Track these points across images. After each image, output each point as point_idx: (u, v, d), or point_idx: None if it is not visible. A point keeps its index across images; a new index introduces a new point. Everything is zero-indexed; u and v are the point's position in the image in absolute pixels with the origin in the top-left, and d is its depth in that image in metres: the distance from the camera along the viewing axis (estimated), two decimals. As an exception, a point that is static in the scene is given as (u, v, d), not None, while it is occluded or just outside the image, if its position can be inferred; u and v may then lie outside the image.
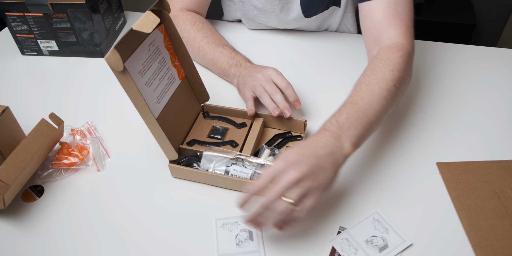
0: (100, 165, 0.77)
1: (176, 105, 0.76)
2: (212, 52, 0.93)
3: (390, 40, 0.77)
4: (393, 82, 0.71)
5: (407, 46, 0.76)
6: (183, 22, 0.98)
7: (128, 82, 0.62)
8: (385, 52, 0.75)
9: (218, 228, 0.67)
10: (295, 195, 0.56)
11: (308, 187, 0.57)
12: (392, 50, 0.75)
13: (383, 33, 0.78)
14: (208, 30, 0.97)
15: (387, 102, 0.69)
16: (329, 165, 0.59)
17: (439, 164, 0.75)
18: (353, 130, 0.63)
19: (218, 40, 0.95)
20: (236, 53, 0.91)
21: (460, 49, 1.05)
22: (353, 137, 0.63)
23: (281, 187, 0.56)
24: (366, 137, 0.67)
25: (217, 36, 0.97)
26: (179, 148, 0.75)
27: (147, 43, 0.68)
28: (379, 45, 0.79)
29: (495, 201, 0.68)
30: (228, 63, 0.90)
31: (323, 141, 0.61)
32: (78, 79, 1.00)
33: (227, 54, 0.91)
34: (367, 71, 0.74)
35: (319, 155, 0.59)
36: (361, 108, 0.66)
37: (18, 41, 1.06)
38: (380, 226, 0.65)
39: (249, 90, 0.81)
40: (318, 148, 0.60)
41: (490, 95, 0.91)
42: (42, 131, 0.71)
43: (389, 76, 0.71)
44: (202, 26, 0.97)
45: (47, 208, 0.71)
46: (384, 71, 0.72)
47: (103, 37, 1.06)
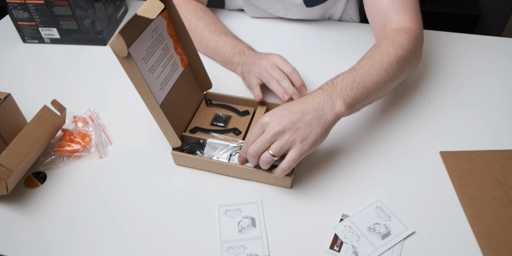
0: (103, 152, 0.77)
1: (179, 92, 0.75)
2: (214, 40, 0.92)
3: (399, 25, 0.78)
4: (396, 58, 0.72)
5: (415, 30, 0.77)
6: (184, 10, 0.97)
7: (132, 68, 0.61)
8: (392, 34, 0.76)
9: (221, 215, 0.67)
10: (274, 147, 0.62)
11: (287, 140, 0.61)
12: (399, 32, 0.76)
13: (391, 19, 0.79)
14: (210, 18, 0.97)
15: (387, 74, 0.70)
16: (315, 120, 0.62)
17: (442, 153, 0.75)
18: (347, 90, 0.65)
19: (220, 29, 0.94)
20: (239, 42, 0.91)
21: (464, 39, 1.04)
22: (346, 96, 0.65)
23: (264, 140, 0.62)
24: (362, 102, 0.68)
25: (219, 25, 0.96)
26: (182, 136, 0.75)
27: (151, 29, 0.68)
28: (386, 30, 0.79)
29: (498, 190, 0.68)
30: (231, 51, 0.89)
31: (313, 98, 0.65)
32: (80, 67, 1.00)
33: (230, 43, 0.90)
34: (371, 49, 0.75)
35: (305, 110, 0.63)
36: (359, 74, 0.68)
37: (20, 29, 1.05)
38: (382, 214, 0.65)
39: (255, 77, 0.81)
40: (306, 104, 0.64)
41: (494, 85, 0.90)
42: (44, 118, 0.70)
43: (392, 52, 0.72)
44: (203, 15, 0.97)
45: (50, 194, 0.71)
46: (388, 48, 0.73)
47: (104, 25, 1.05)
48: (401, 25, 0.78)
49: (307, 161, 0.75)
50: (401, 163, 0.74)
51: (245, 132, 0.76)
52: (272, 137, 0.62)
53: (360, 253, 0.61)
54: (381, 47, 0.73)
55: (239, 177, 0.72)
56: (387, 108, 0.85)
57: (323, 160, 0.75)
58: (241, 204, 0.68)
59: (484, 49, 1.00)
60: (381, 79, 0.69)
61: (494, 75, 0.93)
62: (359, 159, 0.75)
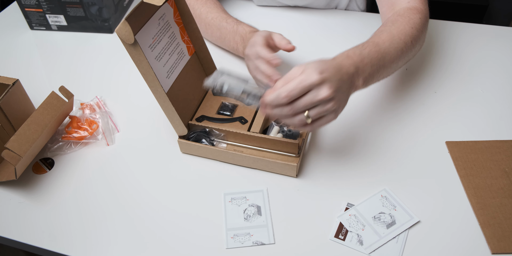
0: (110, 139, 0.77)
1: (186, 80, 0.75)
2: (217, 29, 0.91)
3: (409, 4, 0.79)
4: (411, 38, 0.73)
5: (424, 11, 0.78)
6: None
7: (139, 55, 0.61)
8: (406, 12, 0.77)
9: (227, 202, 0.67)
10: (314, 113, 0.58)
11: (329, 108, 0.58)
12: (413, 11, 0.77)
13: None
14: (212, 3, 0.95)
15: (402, 54, 0.71)
16: (348, 93, 0.62)
17: (448, 143, 0.75)
18: (369, 67, 0.65)
19: (222, 14, 0.92)
20: (238, 25, 0.87)
21: (470, 28, 1.03)
22: (367, 74, 0.65)
23: (309, 103, 0.57)
24: (373, 80, 0.68)
25: (220, 9, 0.94)
26: (188, 124, 0.75)
27: (157, 17, 0.68)
28: (395, 8, 0.80)
29: (504, 180, 0.68)
30: (234, 40, 0.88)
31: (347, 67, 0.61)
32: (87, 54, 1.00)
33: (230, 30, 0.88)
34: (388, 23, 0.75)
35: (343, 79, 0.60)
36: (381, 50, 0.67)
37: (27, 16, 1.05)
38: (388, 203, 0.66)
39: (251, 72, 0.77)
40: (343, 73, 0.60)
41: (500, 75, 0.89)
42: (52, 104, 0.71)
43: (409, 31, 0.73)
44: (206, 1, 0.95)
45: (58, 180, 0.72)
46: (405, 26, 0.73)
47: (111, 12, 1.05)
48: (411, 4, 0.79)
49: (312, 150, 0.75)
50: (407, 152, 0.74)
51: (251, 121, 0.76)
52: (318, 101, 0.57)
53: (365, 242, 0.61)
54: (398, 24, 0.73)
55: (245, 165, 0.72)
56: (393, 98, 0.85)
57: (329, 149, 0.75)
58: (247, 193, 0.68)
59: (490, 39, 0.99)
60: (396, 59, 0.70)
61: (501, 65, 0.92)
62: (365, 149, 0.75)
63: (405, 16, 0.75)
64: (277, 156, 0.72)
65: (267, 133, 0.74)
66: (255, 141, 0.72)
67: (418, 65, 0.92)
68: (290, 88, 0.56)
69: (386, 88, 0.87)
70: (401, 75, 0.90)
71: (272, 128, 0.74)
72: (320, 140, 0.77)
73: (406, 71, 0.91)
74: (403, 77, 0.89)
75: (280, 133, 0.74)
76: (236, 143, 0.74)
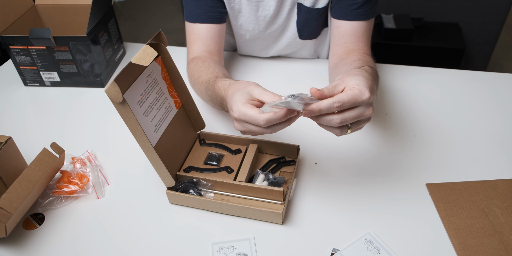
0: (100, 192, 0.79)
1: (173, 133, 0.79)
2: (206, 93, 0.88)
3: (365, 54, 0.94)
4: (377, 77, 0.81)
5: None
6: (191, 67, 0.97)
7: (127, 112, 0.65)
8: (365, 57, 0.90)
9: (215, 252, 0.68)
10: (355, 128, 0.64)
11: (365, 123, 0.65)
12: (369, 58, 0.92)
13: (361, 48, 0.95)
14: (203, 66, 0.93)
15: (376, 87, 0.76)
16: None
17: (428, 185, 0.78)
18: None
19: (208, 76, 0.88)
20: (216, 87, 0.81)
21: (447, 74, 1.09)
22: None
23: (356, 117, 0.61)
24: None
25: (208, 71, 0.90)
26: (176, 175, 0.78)
27: (145, 75, 0.72)
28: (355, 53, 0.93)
29: (483, 220, 0.70)
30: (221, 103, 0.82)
31: (374, 92, 0.66)
32: (79, 109, 1.04)
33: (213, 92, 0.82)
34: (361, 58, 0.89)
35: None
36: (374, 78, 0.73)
37: (21, 73, 1.10)
38: (372, 247, 0.67)
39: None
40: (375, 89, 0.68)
41: (476, 118, 0.94)
42: (43, 160, 0.73)
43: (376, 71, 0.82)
44: (201, 64, 0.94)
45: (48, 235, 0.73)
46: (372, 65, 0.86)
47: (103, 68, 1.10)
48: (367, 54, 0.94)
49: (297, 197, 0.77)
50: (389, 195, 0.76)
51: (237, 170, 0.79)
52: (364, 117, 0.62)
53: (351, 287, 0.62)
54: (368, 61, 0.86)
55: (232, 214, 0.74)
56: (374, 143, 0.88)
57: (313, 195, 0.77)
58: (234, 241, 0.70)
59: (467, 83, 1.05)
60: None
61: (477, 108, 0.97)
62: (348, 193, 0.77)
63: (368, 61, 0.88)
64: (263, 204, 0.74)
65: (253, 182, 0.76)
66: (241, 189, 0.74)
67: (398, 110, 0.97)
68: (345, 100, 0.60)
69: (367, 133, 0.90)
70: (381, 120, 0.94)
71: (257, 177, 0.77)
72: (305, 186, 0.79)
73: (386, 116, 0.95)
74: (383, 122, 0.93)
75: (266, 181, 0.76)
76: (223, 192, 0.76)
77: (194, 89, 0.96)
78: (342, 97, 0.60)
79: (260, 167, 0.82)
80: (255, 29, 1.05)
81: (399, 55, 1.93)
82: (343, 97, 0.60)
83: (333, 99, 0.60)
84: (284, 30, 1.06)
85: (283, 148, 0.82)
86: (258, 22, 1.03)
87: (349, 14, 0.93)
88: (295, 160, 0.82)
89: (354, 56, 0.91)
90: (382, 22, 1.90)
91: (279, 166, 0.81)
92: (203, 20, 0.98)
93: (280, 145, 0.82)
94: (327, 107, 0.60)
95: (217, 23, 0.99)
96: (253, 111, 0.63)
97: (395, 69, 1.11)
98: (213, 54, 0.99)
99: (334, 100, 0.60)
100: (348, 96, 0.60)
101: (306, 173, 0.82)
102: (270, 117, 0.61)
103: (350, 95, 0.60)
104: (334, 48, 0.99)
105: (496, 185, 0.76)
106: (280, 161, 0.82)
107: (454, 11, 1.93)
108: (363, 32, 0.95)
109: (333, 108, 0.60)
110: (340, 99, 0.59)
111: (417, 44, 1.89)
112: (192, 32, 1.01)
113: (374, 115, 0.95)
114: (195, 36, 1.00)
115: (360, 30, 0.95)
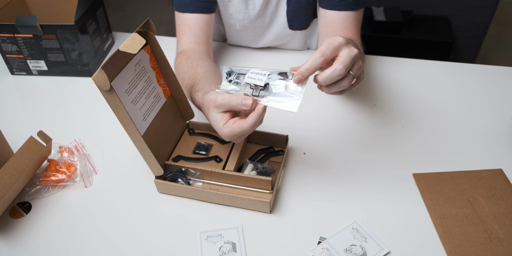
0: (88, 181, 0.79)
1: (162, 122, 0.78)
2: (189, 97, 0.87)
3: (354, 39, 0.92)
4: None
5: None
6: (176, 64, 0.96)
7: (115, 100, 0.64)
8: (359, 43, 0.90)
9: (203, 240, 0.69)
10: (355, 70, 0.63)
11: (361, 66, 0.64)
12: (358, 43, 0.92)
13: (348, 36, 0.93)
14: (186, 65, 0.92)
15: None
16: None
17: (415, 175, 0.78)
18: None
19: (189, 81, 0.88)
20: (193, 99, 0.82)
21: (436, 65, 1.09)
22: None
23: (349, 61, 0.61)
24: None
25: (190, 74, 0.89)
26: (164, 164, 0.78)
27: (134, 63, 0.71)
28: None
29: (468, 209, 0.71)
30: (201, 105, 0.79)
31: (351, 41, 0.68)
32: (66, 98, 1.03)
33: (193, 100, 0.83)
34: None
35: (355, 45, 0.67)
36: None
37: (8, 61, 1.08)
38: (359, 235, 0.68)
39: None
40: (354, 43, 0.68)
41: (464, 109, 0.95)
42: (30, 149, 0.73)
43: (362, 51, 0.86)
44: (185, 63, 0.92)
45: (35, 224, 0.72)
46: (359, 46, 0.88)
47: (91, 57, 1.09)
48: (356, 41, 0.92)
49: (286, 186, 0.77)
50: (376, 185, 0.77)
51: (225, 159, 0.79)
52: (355, 56, 0.61)
53: (337, 275, 0.63)
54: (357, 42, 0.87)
55: (220, 203, 0.74)
56: (362, 133, 0.89)
57: (301, 185, 0.78)
58: (222, 230, 0.70)
59: (455, 75, 1.06)
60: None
61: (464, 100, 0.98)
62: (335, 183, 0.78)
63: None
64: (251, 193, 0.74)
65: (242, 171, 0.76)
66: (229, 179, 0.74)
67: (386, 101, 0.97)
68: (323, 49, 0.60)
69: (356, 124, 0.91)
70: (370, 111, 0.94)
71: (246, 166, 0.77)
72: (293, 176, 0.80)
73: (375, 107, 0.96)
74: (372, 113, 0.94)
75: (254, 171, 0.76)
76: (212, 181, 0.76)
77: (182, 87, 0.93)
78: (320, 48, 0.61)
79: (249, 157, 0.82)
80: (244, 19, 1.05)
81: (388, 47, 1.94)
82: (321, 48, 0.61)
83: (313, 55, 0.61)
84: (273, 19, 1.06)
85: (272, 138, 0.83)
86: (248, 11, 1.03)
87: (337, 4, 0.93)
88: (284, 150, 0.82)
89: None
90: (372, 15, 1.90)
91: (267, 156, 0.82)
92: (192, 10, 0.98)
93: (269, 135, 0.82)
94: (311, 61, 0.60)
95: (206, 13, 0.99)
96: (237, 128, 0.64)
97: (384, 61, 1.11)
98: (201, 45, 0.99)
99: (315, 53, 0.61)
100: (325, 45, 0.61)
101: (295, 163, 0.82)
102: (255, 120, 0.63)
103: (326, 43, 0.61)
104: (322, 38, 0.99)
105: (481, 175, 0.77)
106: (269, 151, 0.83)
107: (444, 4, 1.94)
108: (351, 21, 0.95)
109: (317, 59, 0.60)
110: (320, 50, 0.60)
111: (407, 37, 1.90)
112: (182, 22, 1.00)
113: (363, 106, 0.96)
114: (184, 26, 1.00)
115: (348, 19, 0.95)
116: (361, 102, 0.97)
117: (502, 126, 0.89)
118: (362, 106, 0.96)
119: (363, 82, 1.02)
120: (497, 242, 0.66)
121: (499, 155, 0.83)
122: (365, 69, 1.07)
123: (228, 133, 0.65)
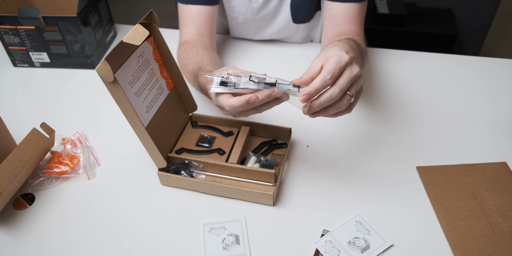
0: (91, 173, 0.79)
1: (165, 114, 0.78)
2: (194, 82, 0.88)
3: (357, 36, 0.93)
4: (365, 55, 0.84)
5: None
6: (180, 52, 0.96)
7: (118, 92, 0.64)
8: (357, 38, 0.89)
9: (206, 233, 0.69)
10: (353, 91, 0.62)
11: (359, 84, 0.63)
12: (361, 38, 0.93)
13: (353, 30, 0.94)
14: (191, 52, 0.92)
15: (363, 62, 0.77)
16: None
17: (419, 168, 0.78)
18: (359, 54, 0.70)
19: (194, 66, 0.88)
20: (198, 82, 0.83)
21: (440, 58, 1.09)
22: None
23: (349, 79, 0.60)
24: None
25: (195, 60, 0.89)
26: (168, 156, 0.78)
27: (137, 55, 0.71)
28: (345, 35, 0.91)
29: (471, 202, 0.71)
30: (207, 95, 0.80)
31: (354, 48, 0.67)
32: (69, 90, 1.02)
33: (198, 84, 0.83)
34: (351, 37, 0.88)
35: (359, 56, 0.66)
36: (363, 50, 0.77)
37: (10, 53, 1.08)
38: (362, 228, 0.68)
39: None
40: (357, 52, 0.67)
41: (468, 102, 0.94)
42: (33, 140, 0.73)
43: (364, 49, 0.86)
44: (189, 51, 0.92)
45: (38, 215, 0.72)
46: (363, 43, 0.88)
47: (93, 49, 1.08)
48: (358, 36, 0.94)
49: (289, 179, 0.77)
50: (380, 178, 0.77)
51: (229, 152, 0.79)
52: (355, 77, 0.61)
53: (340, 267, 0.63)
54: (354, 38, 0.83)
55: (223, 195, 0.74)
56: (365, 126, 0.88)
57: (304, 177, 0.78)
58: (225, 222, 0.70)
59: (459, 68, 1.05)
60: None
61: (468, 93, 0.97)
62: (339, 176, 0.78)
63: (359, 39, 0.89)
64: (255, 185, 0.74)
65: (245, 164, 0.76)
66: (233, 171, 0.74)
67: (389, 94, 0.97)
68: (332, 68, 0.59)
69: (359, 117, 0.91)
70: (373, 104, 0.94)
71: (249, 159, 0.77)
72: (296, 168, 0.79)
73: (378, 100, 0.95)
74: (375, 106, 0.94)
75: (257, 163, 0.76)
76: (215, 174, 0.76)
77: (184, 75, 0.94)
78: (329, 67, 0.59)
79: (252, 149, 0.82)
80: (247, 12, 1.04)
81: (392, 40, 1.93)
82: (330, 67, 0.59)
83: (323, 73, 0.59)
84: (277, 13, 1.05)
85: (275, 130, 0.82)
86: (251, 4, 1.02)
87: None
88: (287, 143, 0.82)
89: (343, 37, 0.90)
90: (375, 8, 1.89)
91: (271, 149, 0.82)
92: (195, 1, 0.97)
93: (272, 128, 0.82)
94: (321, 82, 0.58)
95: (210, 4, 0.98)
96: (244, 99, 0.62)
97: (387, 53, 1.11)
98: (204, 37, 0.98)
99: (324, 73, 0.59)
100: (333, 64, 0.59)
101: (298, 156, 0.82)
102: (264, 97, 0.61)
103: (333, 62, 0.59)
104: (326, 30, 0.98)
105: (485, 168, 0.77)
106: (272, 144, 0.82)
107: (448, -3, 1.92)
108: (355, 14, 0.94)
109: (326, 81, 0.59)
110: (329, 70, 0.59)
111: (410, 30, 1.88)
112: (184, 13, 0.99)
113: (366, 99, 0.95)
114: (187, 18, 0.99)
115: (352, 12, 0.94)
116: (364, 95, 0.96)
117: (506, 119, 0.89)
118: (366, 99, 0.95)
119: (366, 75, 1.02)
120: (501, 235, 0.66)
121: (504, 148, 0.82)
122: (368, 62, 1.07)
123: (234, 103, 0.62)
